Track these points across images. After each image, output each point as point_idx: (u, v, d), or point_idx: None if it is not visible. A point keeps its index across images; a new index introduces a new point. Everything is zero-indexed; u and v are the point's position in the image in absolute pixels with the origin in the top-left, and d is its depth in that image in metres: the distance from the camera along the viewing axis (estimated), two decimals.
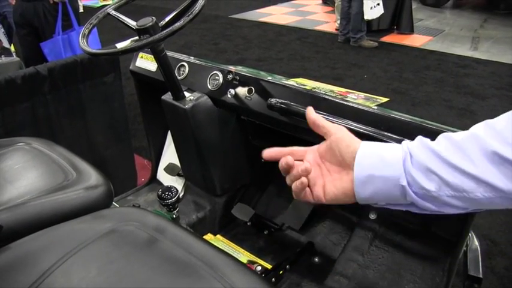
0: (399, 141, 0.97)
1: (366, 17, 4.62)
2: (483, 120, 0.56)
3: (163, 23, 1.20)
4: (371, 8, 4.62)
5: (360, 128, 1.04)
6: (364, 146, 0.61)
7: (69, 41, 2.66)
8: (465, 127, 0.99)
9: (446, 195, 0.55)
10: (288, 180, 0.64)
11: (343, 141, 0.62)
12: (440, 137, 0.58)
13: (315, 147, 0.66)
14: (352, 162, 0.60)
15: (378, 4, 4.66)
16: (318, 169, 0.65)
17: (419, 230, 1.39)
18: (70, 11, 2.69)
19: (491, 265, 1.83)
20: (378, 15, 4.73)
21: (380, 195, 0.59)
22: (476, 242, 1.31)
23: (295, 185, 0.63)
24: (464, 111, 3.25)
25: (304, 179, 0.62)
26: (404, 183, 0.57)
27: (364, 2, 4.59)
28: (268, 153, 0.65)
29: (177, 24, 1.08)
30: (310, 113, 0.65)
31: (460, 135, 0.56)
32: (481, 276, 1.21)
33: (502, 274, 1.79)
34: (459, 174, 0.54)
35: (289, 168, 0.63)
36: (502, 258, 1.88)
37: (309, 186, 0.64)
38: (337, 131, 0.63)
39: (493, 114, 0.55)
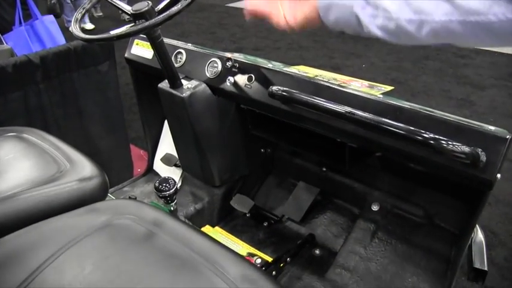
0: (407, 131, 0.94)
1: None
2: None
3: (159, 7, 1.16)
4: None
5: (365, 118, 1.00)
6: None
7: (35, 31, 2.43)
8: (464, 117, 0.96)
9: (404, 18, 0.54)
10: None
11: None
12: None
13: None
14: None
15: None
16: None
17: (423, 222, 1.37)
18: None
19: (491, 256, 1.83)
20: None
21: (342, 23, 0.61)
22: (480, 235, 1.28)
23: None
24: (463, 101, 3.22)
25: None
26: (358, 10, 0.57)
27: None
28: None
29: (174, 9, 1.03)
30: None
31: None
32: (486, 269, 1.19)
33: (502, 265, 1.78)
34: None
35: None
36: (502, 249, 1.87)
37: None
38: None
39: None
